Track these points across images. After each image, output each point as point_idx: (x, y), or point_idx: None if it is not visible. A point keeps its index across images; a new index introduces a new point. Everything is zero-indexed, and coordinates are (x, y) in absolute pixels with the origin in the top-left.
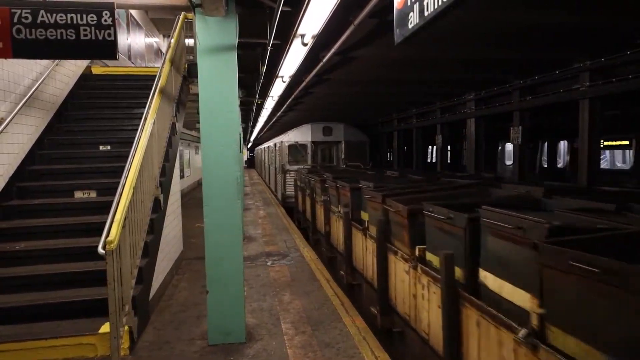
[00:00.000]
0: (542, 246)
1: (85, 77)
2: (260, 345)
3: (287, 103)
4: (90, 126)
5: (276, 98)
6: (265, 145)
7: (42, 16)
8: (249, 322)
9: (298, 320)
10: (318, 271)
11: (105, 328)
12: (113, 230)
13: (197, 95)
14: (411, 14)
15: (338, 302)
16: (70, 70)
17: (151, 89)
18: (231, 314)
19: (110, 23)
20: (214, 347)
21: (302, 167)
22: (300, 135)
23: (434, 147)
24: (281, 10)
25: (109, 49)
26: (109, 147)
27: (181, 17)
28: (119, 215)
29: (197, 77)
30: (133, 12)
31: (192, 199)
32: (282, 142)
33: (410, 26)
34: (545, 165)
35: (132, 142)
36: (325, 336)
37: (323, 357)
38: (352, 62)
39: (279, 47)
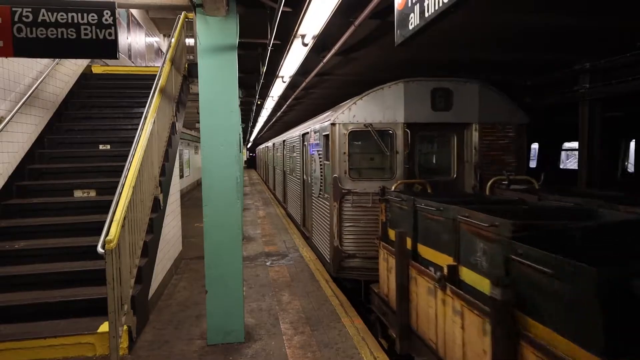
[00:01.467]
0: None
1: (86, 77)
2: (259, 345)
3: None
4: (90, 125)
5: (276, 98)
6: (278, 139)
7: (43, 15)
8: (248, 322)
9: (297, 320)
10: (317, 271)
11: (104, 327)
12: (112, 230)
13: (197, 94)
14: (412, 15)
15: (337, 302)
16: (71, 69)
17: (151, 88)
18: (230, 314)
19: (111, 22)
20: (213, 346)
21: (397, 190)
22: (380, 108)
23: None
24: (282, 10)
25: (109, 49)
26: (108, 147)
27: (182, 16)
28: (118, 215)
29: (197, 77)
30: (134, 11)
31: (192, 198)
32: (332, 124)
33: (410, 27)
34: None
35: (132, 142)
36: (324, 336)
37: (322, 358)
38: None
39: (280, 47)
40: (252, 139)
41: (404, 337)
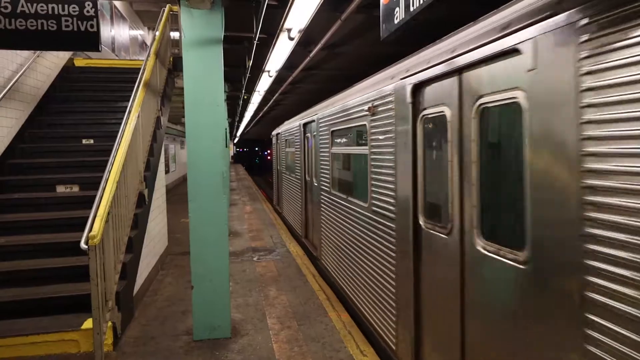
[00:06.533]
0: None
1: (68, 70)
2: (246, 340)
3: None
4: (72, 119)
5: (262, 93)
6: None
7: (22, 6)
8: (235, 318)
9: (284, 315)
10: (304, 266)
11: (88, 324)
12: (96, 225)
13: (182, 88)
14: (397, 9)
15: (324, 296)
16: (52, 62)
17: (135, 82)
18: (217, 310)
19: (93, 14)
20: (199, 342)
21: None
22: None
23: None
24: (268, 3)
25: (91, 41)
26: (92, 141)
27: (166, 9)
28: (102, 210)
29: (182, 71)
30: (117, 4)
31: (177, 194)
32: None
33: (396, 21)
34: None
35: (116, 136)
36: (311, 330)
37: (309, 352)
38: None
39: (266, 41)
40: (238, 134)
41: None
